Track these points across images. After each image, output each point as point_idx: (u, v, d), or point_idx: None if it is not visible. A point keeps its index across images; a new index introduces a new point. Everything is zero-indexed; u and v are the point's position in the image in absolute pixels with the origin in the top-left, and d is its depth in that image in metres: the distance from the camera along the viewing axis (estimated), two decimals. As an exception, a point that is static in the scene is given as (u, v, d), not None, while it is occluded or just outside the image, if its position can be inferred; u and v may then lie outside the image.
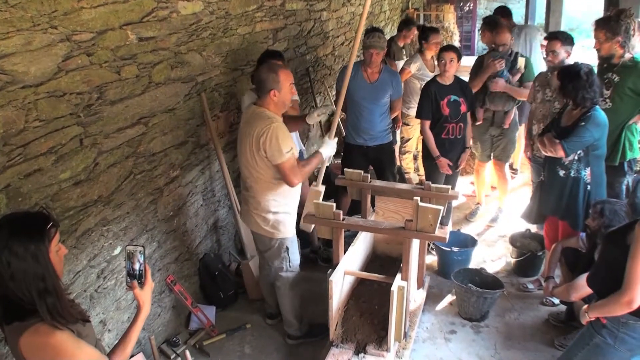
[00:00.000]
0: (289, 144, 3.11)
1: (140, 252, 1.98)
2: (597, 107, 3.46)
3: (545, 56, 4.49)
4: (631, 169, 4.14)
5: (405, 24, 7.02)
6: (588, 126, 3.38)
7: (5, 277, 1.71)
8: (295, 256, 3.49)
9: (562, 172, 3.56)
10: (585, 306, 2.49)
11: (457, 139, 4.51)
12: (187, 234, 3.80)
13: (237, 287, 4.11)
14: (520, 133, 5.43)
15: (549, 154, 3.51)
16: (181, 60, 3.45)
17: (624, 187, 4.08)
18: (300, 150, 4.31)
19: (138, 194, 3.19)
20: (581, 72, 3.40)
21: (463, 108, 4.46)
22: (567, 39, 4.25)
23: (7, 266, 1.69)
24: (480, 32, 6.07)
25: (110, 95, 2.84)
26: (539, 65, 5.66)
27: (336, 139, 3.47)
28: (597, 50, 3.97)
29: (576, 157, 3.49)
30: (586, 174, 3.53)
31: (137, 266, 1.98)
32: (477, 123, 4.92)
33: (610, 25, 3.82)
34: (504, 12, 6.16)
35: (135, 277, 1.99)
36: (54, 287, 1.75)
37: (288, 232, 3.38)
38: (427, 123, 4.50)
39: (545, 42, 4.74)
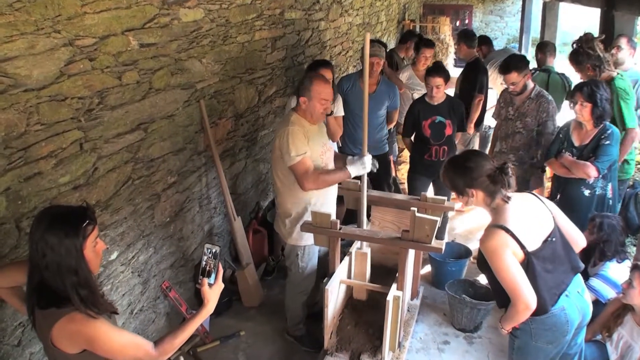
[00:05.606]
0: (302, 148, 3.11)
1: (215, 251, 2.05)
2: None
3: (506, 87, 4.35)
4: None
5: (410, 35, 7.08)
6: (613, 143, 3.47)
7: (41, 267, 1.78)
8: (307, 264, 3.51)
9: (587, 192, 3.60)
10: (500, 322, 2.54)
11: (440, 162, 4.29)
12: (183, 240, 3.79)
13: (232, 294, 4.10)
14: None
15: (579, 176, 3.53)
16: (181, 67, 3.47)
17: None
18: None
19: (136, 200, 3.19)
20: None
21: (448, 130, 4.34)
22: (520, 66, 4.14)
23: (42, 257, 1.77)
24: (455, 44, 6.12)
25: (111, 100, 2.85)
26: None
27: (369, 156, 3.28)
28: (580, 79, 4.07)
29: (600, 175, 3.53)
30: (609, 189, 3.58)
31: (210, 265, 2.05)
32: None
33: (574, 57, 4.00)
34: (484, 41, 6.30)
35: (206, 275, 2.04)
36: (86, 280, 1.82)
37: (300, 240, 3.41)
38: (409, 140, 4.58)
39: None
